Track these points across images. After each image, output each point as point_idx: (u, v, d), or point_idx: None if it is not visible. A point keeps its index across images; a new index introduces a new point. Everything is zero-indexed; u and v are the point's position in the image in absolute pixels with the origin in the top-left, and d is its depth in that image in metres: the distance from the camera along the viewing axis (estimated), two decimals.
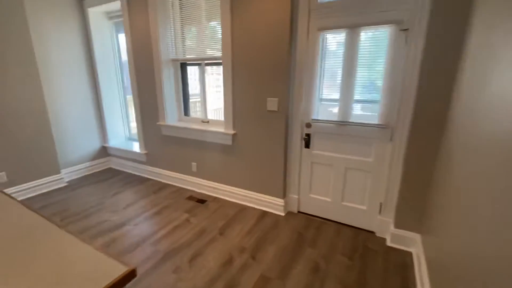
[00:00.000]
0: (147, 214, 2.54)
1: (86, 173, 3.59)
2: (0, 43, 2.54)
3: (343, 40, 2.01)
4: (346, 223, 2.35)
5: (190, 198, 2.87)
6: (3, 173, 2.73)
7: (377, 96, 2.01)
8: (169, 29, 2.81)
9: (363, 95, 2.06)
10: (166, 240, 2.14)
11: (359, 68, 1.99)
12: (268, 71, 2.25)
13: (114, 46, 3.55)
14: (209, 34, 2.62)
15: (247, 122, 2.49)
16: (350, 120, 2.11)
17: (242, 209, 2.63)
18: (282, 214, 2.52)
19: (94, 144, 3.65)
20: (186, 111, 3.15)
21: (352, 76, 2.01)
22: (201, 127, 2.77)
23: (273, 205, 2.55)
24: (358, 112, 2.12)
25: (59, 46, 3.09)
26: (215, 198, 2.87)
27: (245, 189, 2.71)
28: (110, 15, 3.37)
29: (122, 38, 3.44)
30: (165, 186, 3.20)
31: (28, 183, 2.92)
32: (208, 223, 2.39)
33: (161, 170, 3.31)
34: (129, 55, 3.07)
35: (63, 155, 3.29)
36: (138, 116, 3.29)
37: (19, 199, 2.84)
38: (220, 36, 2.43)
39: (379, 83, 1.97)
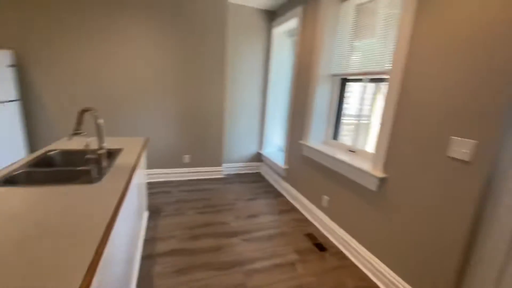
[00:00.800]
0: (261, 234, 2.37)
1: (240, 172, 4.07)
2: (205, 55, 3.36)
3: None
4: None
5: (309, 236, 2.39)
6: (188, 156, 3.62)
7: None
8: (335, 42, 2.46)
9: None
10: (259, 277, 1.84)
11: None
12: (464, 91, 1.31)
13: (289, 63, 3.72)
14: (380, 47, 1.99)
15: (407, 166, 1.64)
16: None
17: None
18: None
19: (252, 148, 4.06)
20: (336, 134, 2.68)
21: None
22: (343, 157, 2.20)
23: None
24: None
25: (246, 59, 3.65)
26: (339, 251, 2.20)
27: (383, 262, 1.83)
28: (290, 33, 3.56)
29: None
30: (293, 209, 2.91)
31: (200, 168, 3.71)
32: (313, 282, 1.83)
33: (294, 190, 3.06)
34: (293, 70, 3.05)
35: (227, 152, 3.91)
36: (288, 131, 3.23)
37: (193, 178, 3.66)
38: (393, 48, 1.74)
39: None
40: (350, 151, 2.37)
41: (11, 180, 1.27)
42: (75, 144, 1.93)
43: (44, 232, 0.84)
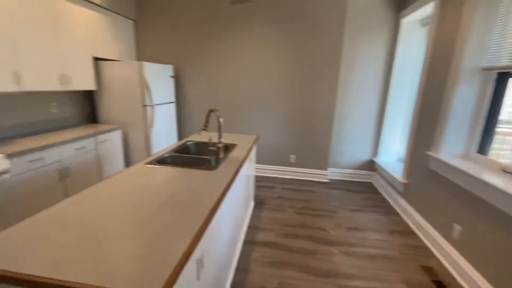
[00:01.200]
0: (363, 251, 2.14)
1: (347, 179, 3.79)
2: (319, 55, 3.32)
3: None
4: None
5: (427, 269, 1.93)
6: (294, 156, 3.72)
7: None
8: (493, 24, 1.85)
9: None
10: None
11: None
12: None
13: (418, 58, 3.12)
14: None
15: None
16: None
17: None
18: None
19: (363, 155, 3.69)
20: (484, 147, 2.02)
21: None
22: (493, 180, 1.64)
23: None
24: None
25: (364, 56, 3.34)
26: None
27: None
28: (423, 22, 2.96)
29: None
30: (409, 232, 2.44)
31: (305, 169, 3.73)
32: None
33: (413, 210, 2.56)
34: (424, 65, 2.53)
35: (333, 155, 3.73)
36: (411, 138, 2.72)
37: (296, 178, 3.75)
38: None
39: None
40: (505, 172, 1.73)
41: (162, 160, 1.74)
42: (203, 137, 2.39)
43: (171, 203, 1.11)
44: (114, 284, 0.66)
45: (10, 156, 1.83)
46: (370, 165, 3.71)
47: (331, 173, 3.79)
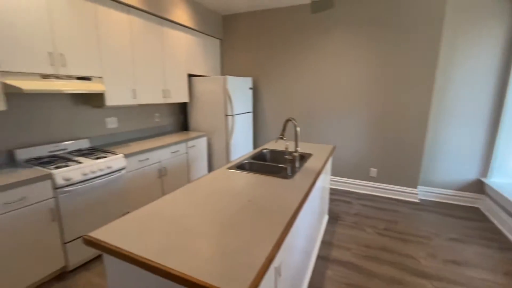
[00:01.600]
0: None
1: (444, 201, 3.18)
2: (410, 57, 2.94)
3: None
4: None
5: None
6: (375, 169, 3.37)
7: None
8: None
9: None
10: None
11: None
12: None
13: None
14: None
15: None
16: None
17: None
18: None
19: (466, 173, 3.03)
20: None
21: None
22: None
23: None
24: None
25: (469, 53, 2.79)
26: None
27: None
28: None
29: None
30: None
31: (388, 185, 3.33)
32: None
33: None
34: None
35: (426, 172, 3.20)
36: None
37: (377, 194, 3.38)
38: None
39: None
40: None
41: (241, 166, 1.86)
42: (278, 145, 2.43)
43: (251, 207, 1.16)
44: (206, 277, 0.72)
45: (126, 156, 2.28)
46: (478, 186, 3.01)
47: (422, 192, 3.26)
